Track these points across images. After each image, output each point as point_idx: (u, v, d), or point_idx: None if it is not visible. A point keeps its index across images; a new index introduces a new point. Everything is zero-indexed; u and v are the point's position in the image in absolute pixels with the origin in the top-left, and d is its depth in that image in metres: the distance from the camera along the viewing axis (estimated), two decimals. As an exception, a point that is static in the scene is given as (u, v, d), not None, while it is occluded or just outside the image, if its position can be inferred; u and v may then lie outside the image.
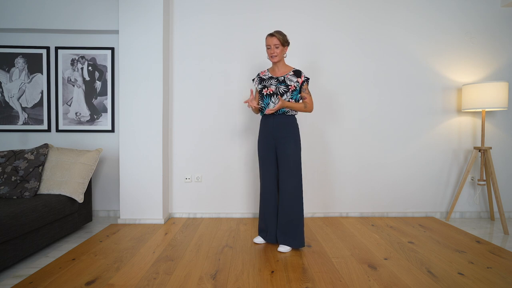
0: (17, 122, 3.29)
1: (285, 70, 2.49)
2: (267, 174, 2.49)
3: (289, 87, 2.42)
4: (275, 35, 2.37)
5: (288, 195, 2.38)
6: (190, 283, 1.88)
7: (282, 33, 2.40)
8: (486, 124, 3.38)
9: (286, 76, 2.45)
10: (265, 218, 2.52)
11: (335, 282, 1.91)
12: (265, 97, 2.46)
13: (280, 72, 2.48)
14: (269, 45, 2.40)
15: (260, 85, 2.51)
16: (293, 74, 2.45)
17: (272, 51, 2.40)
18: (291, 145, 2.39)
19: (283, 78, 2.44)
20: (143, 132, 3.06)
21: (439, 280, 1.94)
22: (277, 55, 2.40)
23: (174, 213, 3.33)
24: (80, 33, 3.28)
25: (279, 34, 2.38)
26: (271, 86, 2.45)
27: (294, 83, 2.42)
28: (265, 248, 2.45)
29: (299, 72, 2.46)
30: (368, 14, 3.32)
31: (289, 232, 2.39)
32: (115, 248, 2.44)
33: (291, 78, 2.44)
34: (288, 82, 2.43)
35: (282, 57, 2.45)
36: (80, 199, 2.72)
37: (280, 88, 2.42)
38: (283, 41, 2.39)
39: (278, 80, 2.45)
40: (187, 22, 3.28)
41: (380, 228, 2.96)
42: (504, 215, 2.96)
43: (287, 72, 2.47)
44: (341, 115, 3.34)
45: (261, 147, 2.51)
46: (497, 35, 3.35)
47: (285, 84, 2.42)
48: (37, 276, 1.96)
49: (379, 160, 3.37)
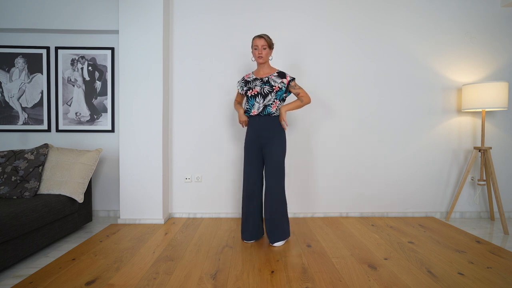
0: (17, 122, 3.29)
1: (269, 71, 2.56)
2: (251, 174, 2.55)
3: (273, 87, 2.48)
4: (263, 36, 2.46)
5: (273, 194, 2.45)
6: (190, 283, 1.88)
7: (269, 36, 2.51)
8: (486, 124, 3.38)
9: (270, 77, 2.52)
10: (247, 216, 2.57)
11: (335, 282, 1.91)
12: (249, 98, 2.54)
13: (264, 73, 2.56)
14: (257, 46, 2.47)
15: (245, 87, 2.58)
16: (277, 75, 2.52)
17: (260, 52, 2.47)
18: (276, 145, 2.48)
19: (267, 78, 2.51)
20: (143, 132, 3.06)
21: (439, 280, 1.94)
22: (263, 56, 2.48)
23: (174, 213, 3.33)
24: (80, 33, 3.28)
25: (267, 37, 2.47)
26: (256, 87, 2.51)
27: (278, 84, 2.49)
28: (265, 248, 2.45)
29: (283, 73, 2.54)
30: (368, 14, 3.32)
31: (278, 227, 2.48)
32: (115, 248, 2.44)
33: (275, 79, 2.50)
34: (272, 82, 2.49)
35: (267, 59, 2.53)
36: (80, 199, 2.72)
37: (265, 89, 2.49)
38: (270, 43, 2.48)
39: (263, 81, 2.52)
40: (187, 22, 3.28)
41: (380, 228, 2.96)
42: (504, 215, 2.96)
43: (271, 73, 2.54)
44: (341, 115, 3.34)
45: (247, 146, 2.57)
46: (497, 35, 3.35)
47: (269, 85, 2.49)
48: (37, 276, 1.96)
49: (379, 160, 3.37)
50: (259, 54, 2.47)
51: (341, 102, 3.34)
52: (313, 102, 3.32)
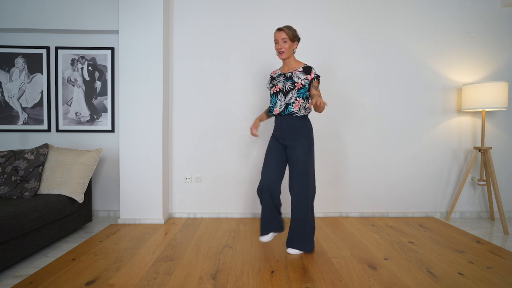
0: (17, 122, 3.29)
1: (294, 65, 2.34)
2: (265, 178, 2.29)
3: (296, 84, 2.26)
4: (283, 29, 2.25)
5: (296, 196, 2.27)
6: (190, 283, 1.88)
7: (291, 28, 2.27)
8: (486, 124, 3.38)
9: (294, 72, 2.30)
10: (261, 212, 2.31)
11: (335, 282, 1.91)
12: (272, 96, 2.36)
13: (289, 68, 2.35)
14: (277, 40, 2.27)
15: (270, 84, 2.41)
16: (302, 70, 2.29)
17: (280, 46, 2.27)
18: (300, 149, 2.25)
19: (290, 74, 2.30)
20: (143, 132, 3.06)
21: (439, 280, 1.94)
22: (285, 50, 2.26)
23: (174, 213, 3.33)
24: (80, 33, 3.28)
25: (287, 29, 2.25)
26: (279, 84, 2.33)
27: (301, 80, 2.26)
28: (265, 248, 2.45)
29: (309, 68, 2.29)
30: (368, 14, 3.32)
31: (297, 234, 2.31)
32: (115, 248, 2.44)
33: (299, 74, 2.28)
34: (295, 78, 2.27)
35: (291, 53, 2.31)
36: (80, 199, 2.72)
37: (287, 85, 2.29)
38: (292, 36, 2.26)
39: (286, 77, 2.32)
40: (187, 22, 3.28)
41: (380, 228, 2.96)
42: (504, 215, 2.96)
43: (296, 68, 2.32)
44: (341, 115, 3.34)
45: (269, 146, 2.39)
46: (497, 35, 3.35)
47: (292, 81, 2.27)
48: (37, 276, 1.96)
49: (379, 160, 3.37)
50: (279, 48, 2.26)
51: (341, 103, 3.34)
52: (313, 102, 3.32)
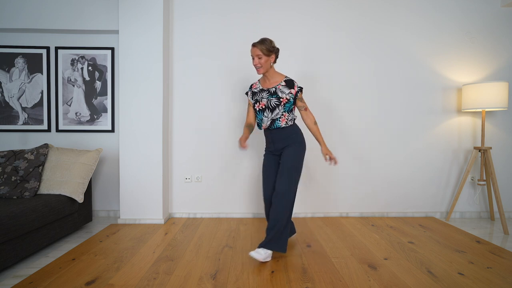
0: (17, 122, 3.29)
1: (276, 79, 2.32)
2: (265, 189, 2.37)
3: (281, 99, 2.26)
4: (256, 45, 2.21)
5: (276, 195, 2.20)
6: (190, 283, 1.88)
7: (265, 42, 2.22)
8: (486, 124, 3.38)
9: (277, 87, 2.28)
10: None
11: (335, 282, 1.91)
12: (258, 112, 2.35)
13: (271, 82, 2.32)
14: (252, 56, 2.26)
15: (253, 99, 2.39)
16: (285, 85, 2.29)
17: (256, 62, 2.24)
18: (290, 151, 2.28)
19: (274, 89, 2.28)
20: (143, 132, 3.06)
21: (439, 280, 1.94)
22: (262, 65, 2.24)
23: (174, 213, 3.33)
24: (80, 33, 3.28)
25: (260, 44, 2.21)
26: (263, 100, 2.31)
27: (286, 95, 2.27)
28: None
29: (292, 82, 2.29)
30: (368, 14, 3.32)
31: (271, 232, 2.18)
32: (115, 248, 2.44)
33: (283, 89, 2.27)
34: (279, 94, 2.27)
35: (268, 66, 2.27)
36: (80, 199, 2.72)
37: (272, 102, 2.27)
38: (266, 50, 2.21)
39: (270, 92, 2.29)
40: (187, 22, 3.28)
41: (380, 228, 2.96)
42: (504, 215, 2.96)
43: (278, 82, 2.30)
44: (341, 115, 3.34)
45: (264, 157, 2.44)
46: (497, 35, 3.35)
47: (277, 96, 2.27)
48: (37, 276, 1.96)
49: (379, 160, 3.37)
50: (255, 64, 2.24)
51: (341, 103, 3.34)
52: (311, 101, 3.32)
